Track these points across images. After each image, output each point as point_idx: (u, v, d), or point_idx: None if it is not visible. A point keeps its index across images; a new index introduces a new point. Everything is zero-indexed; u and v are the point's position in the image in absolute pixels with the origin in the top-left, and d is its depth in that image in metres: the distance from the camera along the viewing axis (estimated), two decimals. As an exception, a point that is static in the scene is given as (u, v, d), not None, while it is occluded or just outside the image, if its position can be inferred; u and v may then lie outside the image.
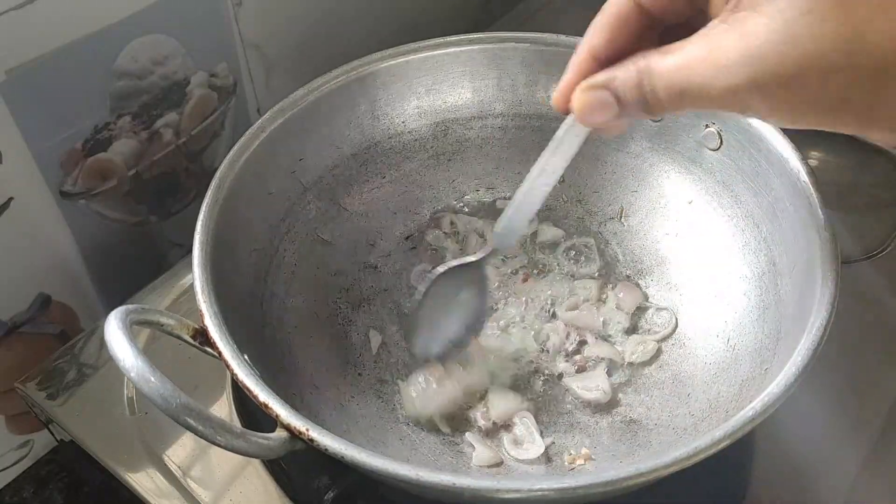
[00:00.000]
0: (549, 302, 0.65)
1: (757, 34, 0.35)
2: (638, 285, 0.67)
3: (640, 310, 0.65)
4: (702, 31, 0.38)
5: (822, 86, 0.35)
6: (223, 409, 0.60)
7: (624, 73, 0.40)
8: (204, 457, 0.57)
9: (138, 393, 0.60)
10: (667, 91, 0.39)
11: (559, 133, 0.47)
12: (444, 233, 0.70)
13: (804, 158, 0.55)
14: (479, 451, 0.56)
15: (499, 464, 0.56)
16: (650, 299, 0.66)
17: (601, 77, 0.42)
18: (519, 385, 0.61)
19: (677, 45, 0.39)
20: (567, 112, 0.44)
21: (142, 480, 0.56)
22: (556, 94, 0.44)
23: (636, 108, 0.41)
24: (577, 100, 0.42)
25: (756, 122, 0.58)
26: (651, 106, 0.40)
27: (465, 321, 0.60)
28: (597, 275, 0.68)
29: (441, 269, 0.57)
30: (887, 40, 0.33)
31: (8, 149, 0.57)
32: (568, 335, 0.63)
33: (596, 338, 0.63)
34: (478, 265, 0.58)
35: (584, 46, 0.43)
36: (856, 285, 0.68)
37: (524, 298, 0.66)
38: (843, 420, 0.61)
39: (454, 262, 0.58)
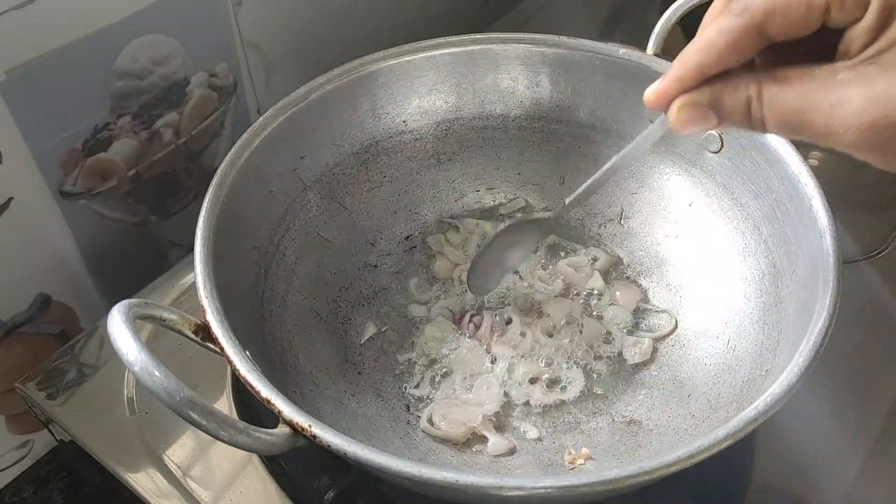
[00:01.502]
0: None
1: (890, 98, 0.34)
2: (637, 284, 0.67)
3: (641, 311, 0.65)
4: (826, 70, 0.37)
5: None
6: (223, 408, 0.60)
7: (731, 97, 0.39)
8: (204, 457, 0.57)
9: (138, 393, 0.60)
10: (777, 124, 0.38)
11: (652, 126, 0.50)
12: (446, 238, 0.71)
13: (804, 159, 0.55)
14: (494, 441, 0.57)
15: (513, 451, 0.57)
16: (650, 301, 0.66)
17: (706, 96, 0.40)
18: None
19: (795, 74, 0.37)
20: (659, 110, 0.43)
21: (142, 480, 0.56)
22: (652, 95, 0.43)
23: (738, 127, 0.40)
24: (678, 112, 0.41)
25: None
26: (754, 129, 0.39)
27: (516, 262, 0.67)
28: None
29: (508, 222, 0.63)
30: None
31: (8, 149, 0.57)
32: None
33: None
34: (539, 223, 0.65)
35: (692, 60, 0.41)
36: (856, 285, 0.68)
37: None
38: (843, 420, 0.61)
39: (521, 218, 0.63)
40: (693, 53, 0.41)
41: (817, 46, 0.38)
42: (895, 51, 0.35)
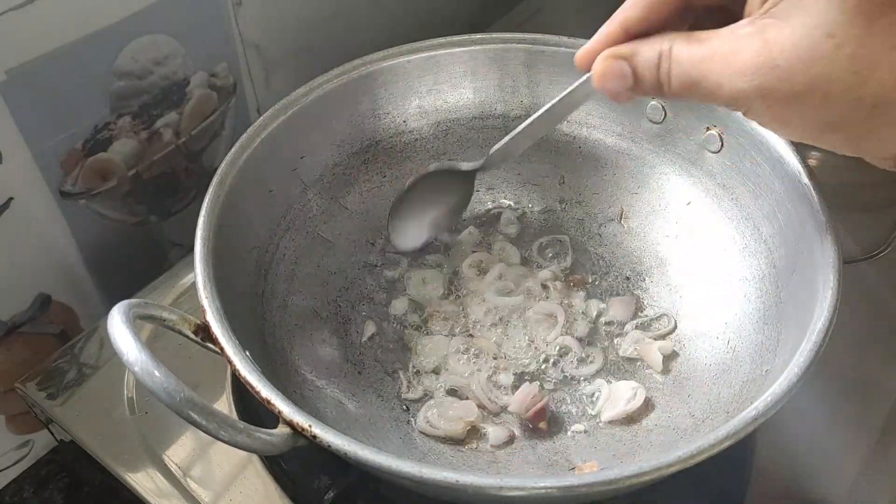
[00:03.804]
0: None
1: (777, 44, 0.37)
2: (631, 292, 0.67)
3: (640, 311, 0.66)
4: (729, 28, 0.39)
5: (824, 106, 0.36)
6: (223, 408, 0.60)
7: (646, 51, 0.42)
8: (204, 457, 0.57)
9: (138, 393, 0.60)
10: (680, 79, 0.41)
11: (575, 84, 0.50)
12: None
13: (804, 159, 0.55)
14: (494, 432, 0.57)
15: (512, 439, 0.57)
16: (649, 301, 0.66)
17: (625, 49, 0.43)
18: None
19: (704, 35, 0.40)
20: (586, 70, 0.46)
21: (142, 480, 0.56)
22: (580, 54, 0.46)
23: (649, 86, 0.42)
24: (598, 65, 0.44)
25: (758, 125, 0.58)
26: (663, 89, 0.42)
27: (444, 221, 0.65)
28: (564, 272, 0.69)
29: (431, 167, 0.60)
30: (893, 78, 0.35)
31: (8, 149, 0.57)
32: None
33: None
34: (465, 175, 0.61)
35: (618, 17, 0.44)
36: (856, 285, 0.68)
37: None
38: (843, 420, 0.61)
39: (445, 165, 0.61)
40: (619, 12, 0.44)
41: (739, 17, 0.40)
42: (788, 2, 0.37)
